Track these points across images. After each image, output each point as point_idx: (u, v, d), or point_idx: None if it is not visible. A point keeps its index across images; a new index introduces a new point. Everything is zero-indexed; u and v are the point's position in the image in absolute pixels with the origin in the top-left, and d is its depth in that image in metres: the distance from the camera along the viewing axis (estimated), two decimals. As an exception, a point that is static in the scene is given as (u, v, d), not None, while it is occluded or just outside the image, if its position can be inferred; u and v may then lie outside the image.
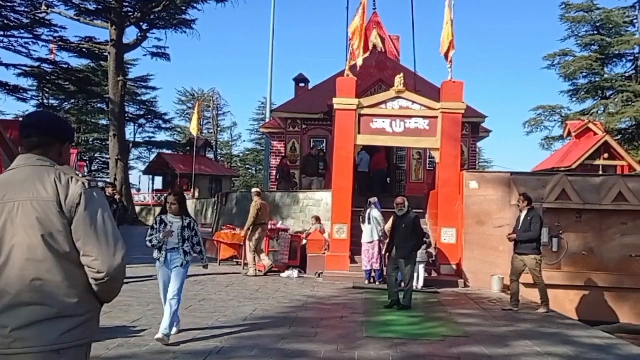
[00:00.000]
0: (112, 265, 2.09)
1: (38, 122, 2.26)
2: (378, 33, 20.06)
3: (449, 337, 6.89)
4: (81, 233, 2.07)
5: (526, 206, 9.07)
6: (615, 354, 6.46)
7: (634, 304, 10.70)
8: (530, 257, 8.86)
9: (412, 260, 8.95)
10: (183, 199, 6.43)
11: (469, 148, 18.03)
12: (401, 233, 8.82)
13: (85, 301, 2.11)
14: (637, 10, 35.77)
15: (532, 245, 8.88)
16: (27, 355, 1.99)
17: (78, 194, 2.09)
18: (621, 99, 33.62)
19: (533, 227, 8.81)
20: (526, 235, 8.84)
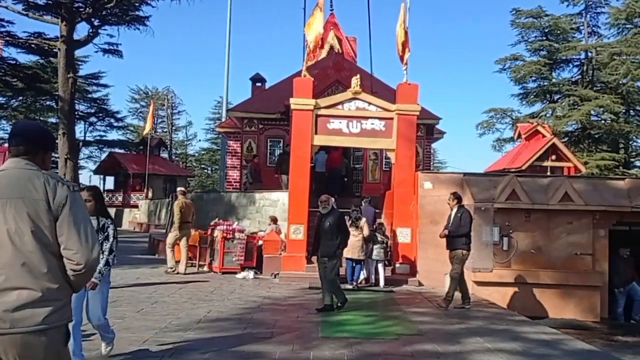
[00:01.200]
0: (89, 259, 2.43)
1: (25, 132, 2.59)
2: (335, 34, 20.22)
3: (403, 335, 6.99)
4: (65, 229, 2.40)
5: (456, 204, 9.35)
6: (561, 349, 6.69)
7: (579, 300, 11.10)
8: (458, 252, 9.12)
9: (336, 258, 8.66)
10: (99, 195, 5.45)
11: (423, 149, 18.35)
12: (325, 231, 8.59)
13: (63, 288, 2.42)
14: (583, 17, 37.20)
15: (462, 241, 9.14)
16: (16, 336, 2.26)
17: (64, 196, 2.44)
18: (568, 103, 34.83)
19: (463, 223, 9.09)
20: (458, 230, 9.12)
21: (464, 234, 9.14)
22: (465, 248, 9.19)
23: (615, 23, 35.40)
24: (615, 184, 12.21)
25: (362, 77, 13.28)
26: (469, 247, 9.26)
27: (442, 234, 9.36)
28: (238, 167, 18.53)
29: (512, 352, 6.33)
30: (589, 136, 34.94)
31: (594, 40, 37.15)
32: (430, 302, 9.72)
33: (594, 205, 11.33)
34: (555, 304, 11.20)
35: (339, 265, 8.79)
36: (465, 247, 9.19)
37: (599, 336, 9.71)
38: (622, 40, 34.05)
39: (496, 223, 11.31)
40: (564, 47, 35.75)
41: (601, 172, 30.87)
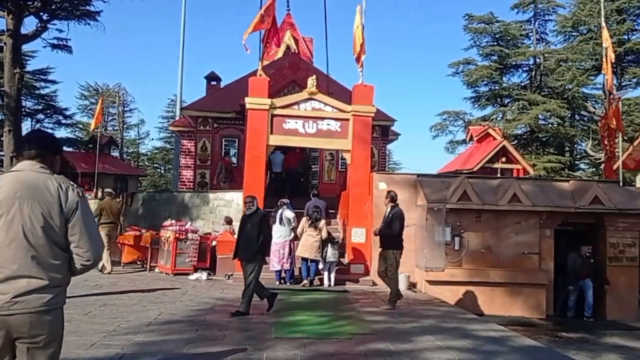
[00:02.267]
0: (97, 256, 2.98)
1: (38, 138, 3.09)
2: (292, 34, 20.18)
3: (356, 334, 7.02)
4: (77, 230, 2.87)
5: (389, 202, 9.36)
6: (508, 345, 6.87)
7: (525, 298, 11.46)
8: (390, 251, 9.13)
9: (256, 261, 8.12)
10: None
11: (379, 150, 18.53)
12: (247, 233, 8.16)
13: (64, 276, 2.91)
14: (532, 24, 38.44)
15: (392, 241, 9.15)
16: (24, 315, 2.72)
17: (75, 202, 2.89)
18: (517, 107, 35.89)
19: (394, 222, 9.11)
20: (389, 229, 9.12)
21: (396, 233, 9.13)
22: (396, 248, 9.18)
23: (562, 30, 36.75)
24: (560, 186, 12.65)
25: (318, 77, 13.30)
26: (401, 246, 9.26)
27: (374, 232, 9.43)
28: (192, 167, 18.24)
29: (462, 349, 6.46)
30: (537, 139, 36.10)
31: (542, 46, 38.44)
32: (384, 302, 9.81)
33: (540, 206, 11.70)
34: (504, 301, 11.52)
35: (259, 268, 8.23)
36: (396, 247, 9.18)
37: (544, 332, 10.04)
38: (568, 47, 35.38)
39: (448, 223, 11.53)
40: (514, 52, 36.83)
41: (548, 174, 31.95)
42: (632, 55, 33.89)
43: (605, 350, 8.81)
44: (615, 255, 11.96)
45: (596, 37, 29.64)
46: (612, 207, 11.80)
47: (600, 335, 9.99)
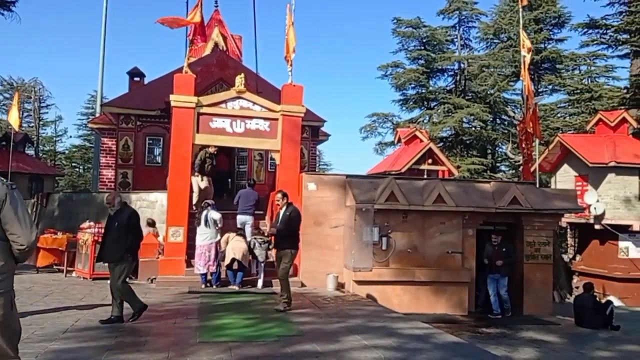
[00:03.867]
0: (30, 240, 3.35)
1: None
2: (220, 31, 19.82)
3: (283, 337, 6.95)
4: (9, 219, 3.26)
5: (285, 202, 9.11)
6: (432, 343, 7.01)
7: (449, 296, 11.77)
8: (287, 251, 8.89)
9: (124, 262, 7.56)
10: None
11: (309, 151, 18.52)
12: (112, 232, 7.58)
13: (8, 264, 3.32)
14: (457, 30, 39.86)
15: (290, 240, 8.95)
16: None
17: (4, 193, 3.27)
18: (443, 110, 37.10)
19: (292, 223, 8.94)
20: (286, 229, 8.89)
21: (293, 233, 8.97)
22: (294, 247, 8.99)
23: (484, 37, 38.38)
24: (482, 187, 13.10)
25: (247, 76, 13.10)
26: (296, 245, 9.07)
27: (270, 232, 9.19)
28: (113, 166, 17.47)
29: (388, 348, 6.53)
30: (461, 142, 37.45)
31: (466, 52, 39.94)
32: (312, 303, 9.79)
33: (463, 206, 12.06)
34: (429, 300, 11.79)
35: (128, 270, 7.74)
36: (294, 246, 8.99)
37: (466, 329, 10.35)
38: (490, 53, 36.97)
39: (376, 223, 11.66)
40: (439, 57, 38.03)
41: (471, 176, 33.22)
42: (548, 63, 35.90)
43: (522, 344, 9.19)
44: (532, 254, 12.53)
45: (516, 45, 31.08)
46: (529, 207, 12.34)
47: (518, 330, 10.42)
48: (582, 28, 31.41)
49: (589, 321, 11.45)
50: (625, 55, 31.41)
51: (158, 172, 16.32)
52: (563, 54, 36.18)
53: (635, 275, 21.16)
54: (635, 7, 28.22)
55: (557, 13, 35.84)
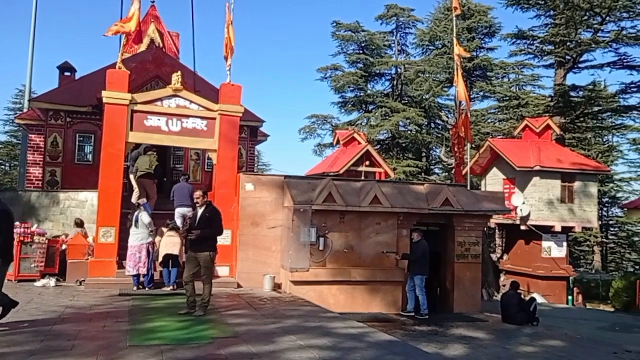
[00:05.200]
0: None
1: None
2: (156, 27, 19.36)
3: (217, 338, 6.86)
4: None
5: (204, 201, 8.65)
6: (366, 341, 7.13)
7: (384, 295, 12.01)
8: (206, 253, 8.43)
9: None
10: None
11: (247, 151, 18.38)
12: None
13: None
14: (394, 36, 40.74)
15: (209, 241, 8.49)
16: None
17: None
18: (380, 113, 37.80)
19: (214, 223, 8.54)
20: (208, 231, 8.43)
21: (216, 233, 8.65)
22: (213, 249, 8.59)
23: (420, 43, 39.43)
24: (416, 189, 13.45)
25: (184, 74, 12.85)
26: (215, 247, 8.69)
27: (196, 234, 8.33)
28: (41, 164, 16.67)
29: (323, 348, 6.58)
30: (397, 145, 38.29)
31: (403, 57, 40.89)
32: (248, 304, 9.72)
33: (398, 207, 12.34)
34: (364, 299, 11.98)
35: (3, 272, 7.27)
36: (213, 248, 8.61)
37: (399, 327, 10.60)
38: (425, 59, 38.04)
39: (314, 224, 11.74)
40: (377, 61, 38.75)
41: (407, 178, 34.02)
42: (480, 71, 37.31)
43: (452, 341, 9.51)
44: (462, 253, 12.99)
45: (450, 52, 32.12)
46: (460, 208, 12.79)
47: (448, 327, 10.77)
48: (511, 38, 32.95)
49: (514, 317, 11.99)
50: (550, 65, 33.21)
51: (89, 170, 15.71)
52: (493, 63, 37.73)
53: (557, 274, 22.38)
54: (559, 19, 29.84)
55: (488, 23, 37.34)
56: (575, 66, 31.30)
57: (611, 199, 44.19)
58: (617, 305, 20.50)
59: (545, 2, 29.18)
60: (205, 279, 8.50)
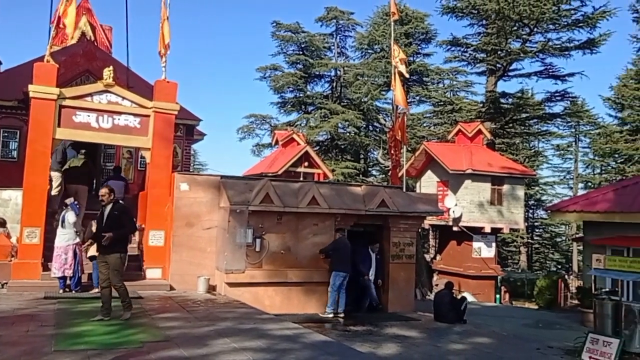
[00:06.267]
0: None
1: None
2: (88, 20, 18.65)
3: (148, 342, 6.68)
4: None
5: (111, 199, 8.14)
6: (301, 342, 7.14)
7: (320, 296, 12.06)
8: (116, 255, 7.96)
9: None
10: None
11: (182, 150, 18.00)
12: None
13: None
14: (334, 38, 41.09)
15: (118, 242, 8.00)
16: None
17: None
18: (320, 115, 38.05)
19: (123, 222, 8.10)
20: (121, 232, 8.03)
21: (128, 232, 8.34)
22: (124, 250, 8.18)
23: (359, 47, 39.99)
24: (354, 190, 13.60)
25: (116, 69, 12.42)
26: (125, 248, 8.30)
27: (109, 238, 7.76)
28: (-41, 161, 15.69)
29: (257, 350, 6.54)
30: (336, 146, 38.65)
31: (342, 60, 41.32)
32: (181, 307, 9.51)
33: (336, 208, 12.43)
34: (300, 300, 11.99)
35: None
36: (124, 249, 8.18)
37: (335, 328, 10.68)
38: (364, 63, 38.60)
39: (250, 225, 11.63)
40: (317, 63, 38.97)
41: (345, 179, 34.39)
42: (416, 76, 38.26)
43: (386, 340, 9.67)
44: (397, 254, 13.23)
45: (388, 56, 32.74)
46: (395, 210, 13.03)
47: (383, 327, 10.95)
48: (446, 45, 33.98)
49: (446, 316, 12.35)
50: (482, 72, 34.50)
51: (13, 167, 14.88)
52: (429, 68, 38.81)
53: (486, 273, 23.27)
54: (491, 29, 31.05)
55: (425, 29, 38.36)
56: (506, 74, 32.66)
57: (536, 201, 46.47)
58: (540, 303, 21.50)
59: (478, 12, 30.24)
60: (116, 282, 7.99)
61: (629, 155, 38.15)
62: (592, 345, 9.56)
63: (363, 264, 12.76)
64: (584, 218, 17.21)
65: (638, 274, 9.70)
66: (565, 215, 18.46)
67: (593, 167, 47.24)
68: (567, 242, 46.09)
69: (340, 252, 11.88)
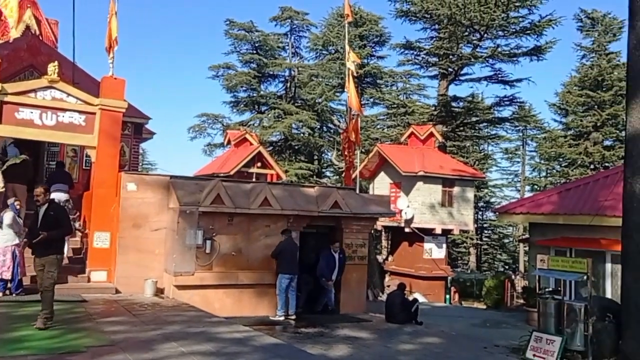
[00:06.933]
0: None
1: None
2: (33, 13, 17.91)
3: (92, 347, 6.47)
4: None
5: (46, 199, 7.82)
6: (252, 345, 7.05)
7: (272, 298, 11.95)
8: (50, 258, 7.61)
9: None
10: None
11: (130, 149, 17.49)
12: None
13: None
14: (288, 38, 41.03)
15: (54, 244, 7.71)
16: None
17: None
18: (273, 115, 37.89)
19: (60, 223, 7.76)
20: (57, 232, 7.67)
21: (65, 233, 8.04)
22: (60, 252, 7.88)
23: (314, 48, 40.07)
24: (307, 191, 13.57)
25: (62, 64, 12.04)
26: (62, 250, 8.01)
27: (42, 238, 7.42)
28: None
29: (206, 354, 6.42)
30: (290, 147, 38.56)
31: (297, 60, 41.30)
32: (127, 310, 9.24)
33: (288, 210, 12.35)
34: (252, 302, 11.85)
35: None
36: (60, 251, 7.87)
37: (286, 330, 10.61)
38: (319, 64, 38.71)
39: (200, 226, 11.41)
40: (271, 62, 38.82)
41: (299, 180, 34.36)
42: (370, 78, 38.65)
43: (337, 341, 9.67)
44: (349, 255, 13.26)
45: (342, 58, 32.93)
46: (348, 211, 13.07)
47: (334, 329, 10.95)
48: (399, 48, 34.47)
49: (396, 316, 12.47)
50: (434, 76, 35.18)
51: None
52: (383, 71, 39.27)
53: (437, 274, 23.67)
54: (443, 34, 31.69)
55: (379, 32, 38.82)
56: (457, 78, 33.40)
57: (485, 203, 47.75)
58: (488, 302, 22.06)
59: (431, 16, 30.79)
60: (47, 286, 7.56)
61: (572, 159, 39.70)
62: (536, 344, 9.84)
63: (327, 266, 12.62)
64: (530, 220, 17.74)
65: (579, 273, 10.02)
66: (513, 217, 18.97)
67: (539, 170, 48.96)
68: (514, 243, 47.55)
69: (285, 254, 11.75)
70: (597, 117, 37.79)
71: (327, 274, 12.62)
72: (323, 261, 12.64)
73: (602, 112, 37.51)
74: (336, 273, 12.75)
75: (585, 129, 39.07)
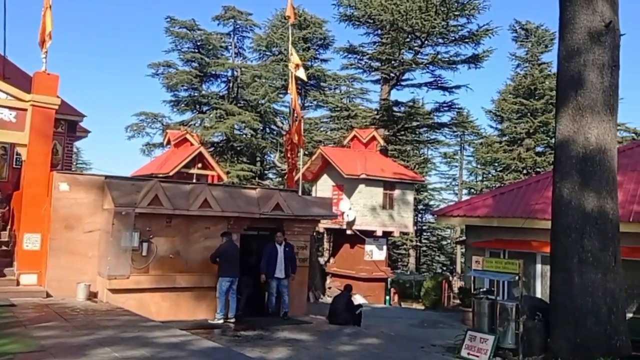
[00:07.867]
0: None
1: None
2: (-42, 2, 16.89)
3: (20, 353, 6.20)
4: None
5: None
6: (189, 350, 6.92)
7: (210, 302, 11.73)
8: None
9: None
10: None
11: (63, 147, 16.82)
12: None
13: None
14: (231, 38, 40.59)
15: None
16: None
17: None
18: (215, 115, 37.34)
19: None
20: None
21: None
22: None
23: (257, 48, 39.84)
24: (248, 193, 13.44)
25: (-10, 57, 11.42)
26: None
27: None
28: None
29: (140, 359, 6.25)
30: (232, 148, 38.13)
31: (240, 60, 40.94)
32: (58, 315, 8.85)
33: (229, 211, 12.18)
34: (190, 306, 11.61)
35: None
36: None
37: (225, 333, 10.45)
38: (262, 65, 38.49)
39: (137, 228, 11.08)
40: (213, 62, 38.28)
41: (240, 182, 34.04)
42: (314, 80, 38.79)
43: (277, 344, 9.61)
44: (291, 257, 13.21)
45: (286, 60, 32.91)
46: (290, 213, 13.04)
47: (274, 331, 10.88)
48: (343, 52, 34.80)
49: (339, 317, 12.56)
50: (377, 80, 35.76)
51: None
52: (327, 74, 39.53)
53: (377, 275, 24.04)
54: (386, 39, 32.26)
55: (323, 35, 39.06)
56: (398, 83, 34.07)
57: (425, 206, 48.91)
58: (427, 303, 22.59)
59: (374, 21, 31.26)
60: None
61: (506, 164, 41.30)
62: (470, 342, 10.14)
63: (268, 262, 12.39)
64: (466, 222, 18.31)
65: (512, 274, 10.40)
66: (450, 220, 19.50)
67: (476, 175, 50.64)
68: (451, 245, 48.91)
69: (226, 257, 11.55)
70: (529, 124, 39.49)
71: (267, 270, 12.29)
72: (264, 256, 12.38)
73: (534, 119, 39.22)
74: (283, 269, 12.42)
75: (519, 135, 40.75)
